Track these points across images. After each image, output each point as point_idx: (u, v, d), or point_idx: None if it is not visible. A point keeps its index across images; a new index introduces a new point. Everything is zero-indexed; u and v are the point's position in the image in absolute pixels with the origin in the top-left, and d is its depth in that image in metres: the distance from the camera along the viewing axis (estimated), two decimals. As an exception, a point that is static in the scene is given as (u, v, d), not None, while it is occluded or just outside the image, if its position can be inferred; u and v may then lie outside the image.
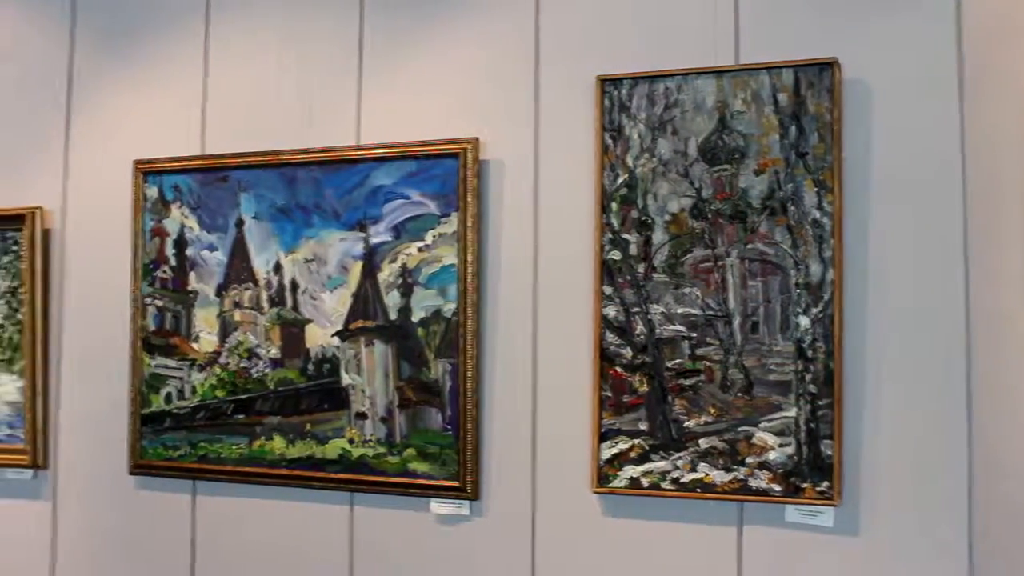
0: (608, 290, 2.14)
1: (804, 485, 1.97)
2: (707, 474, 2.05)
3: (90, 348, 2.71)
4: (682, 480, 2.07)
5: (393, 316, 2.32)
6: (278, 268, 2.43)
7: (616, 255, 2.13)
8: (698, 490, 2.05)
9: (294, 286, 2.42)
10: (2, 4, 2.91)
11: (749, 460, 2.02)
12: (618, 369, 2.13)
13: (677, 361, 2.09)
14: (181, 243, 2.55)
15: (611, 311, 2.13)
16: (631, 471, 2.11)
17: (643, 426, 2.10)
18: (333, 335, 2.37)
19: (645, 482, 2.10)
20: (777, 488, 1.99)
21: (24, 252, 2.73)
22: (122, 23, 2.74)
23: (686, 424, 2.07)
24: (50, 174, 2.78)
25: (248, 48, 2.58)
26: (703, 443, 2.06)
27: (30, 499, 2.76)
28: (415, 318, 2.30)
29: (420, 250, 2.30)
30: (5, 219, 2.77)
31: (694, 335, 2.08)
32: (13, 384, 2.76)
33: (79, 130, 2.77)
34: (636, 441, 2.11)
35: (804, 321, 1.99)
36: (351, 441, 2.35)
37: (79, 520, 2.70)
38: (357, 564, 2.39)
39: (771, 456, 2.00)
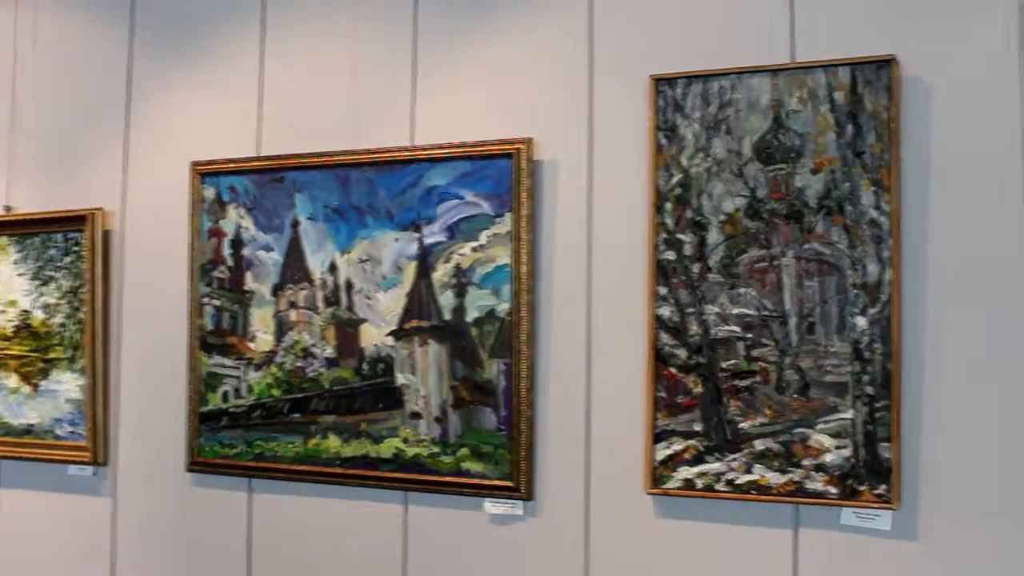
0: (662, 290, 2.21)
1: (861, 488, 2.02)
2: (762, 476, 2.10)
3: (149, 347, 2.85)
4: (737, 482, 2.13)
5: (447, 316, 2.41)
6: (333, 268, 2.54)
7: (670, 255, 2.20)
8: (753, 492, 2.11)
9: (349, 286, 2.53)
10: (62, 6, 3.08)
11: (805, 462, 2.07)
12: (672, 370, 2.20)
13: (732, 362, 2.15)
14: (237, 243, 2.68)
15: (665, 311, 2.20)
16: (685, 472, 2.17)
17: (698, 427, 2.17)
18: (388, 335, 2.47)
19: (699, 483, 2.16)
20: (833, 491, 2.04)
21: (85, 253, 2.88)
22: (180, 25, 2.88)
23: (741, 425, 2.13)
24: (110, 176, 2.93)
25: (303, 49, 2.70)
26: (758, 445, 2.11)
27: (91, 495, 2.91)
28: (469, 318, 2.39)
29: (474, 250, 2.38)
30: (67, 220, 2.92)
31: (749, 336, 2.14)
32: (75, 382, 2.92)
33: (138, 132, 2.91)
34: (690, 442, 2.17)
35: (861, 322, 2.04)
36: (405, 440, 2.45)
37: (138, 516, 2.85)
38: (411, 563, 2.49)
39: (827, 458, 2.05)
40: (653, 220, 2.21)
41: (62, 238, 2.95)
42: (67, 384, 2.93)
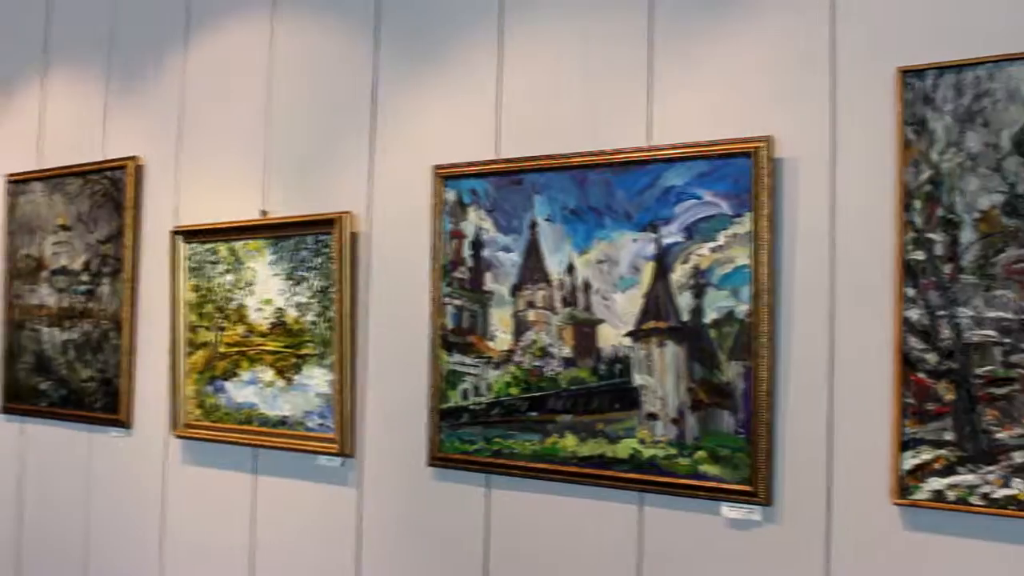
0: (911, 292, 2.32)
1: None
2: (1021, 491, 2.17)
3: (393, 345, 3.26)
4: (993, 496, 2.20)
5: (685, 317, 2.63)
6: (571, 269, 2.82)
7: (919, 255, 2.32)
8: (1012, 508, 2.17)
9: (586, 286, 2.80)
10: (312, 15, 3.56)
11: (1071, 477, 2.13)
12: (921, 375, 2.31)
13: (988, 368, 2.23)
14: (478, 245, 3.02)
15: (914, 314, 2.32)
16: (935, 483, 2.27)
17: (949, 436, 2.26)
18: (625, 335, 2.72)
19: (951, 496, 2.25)
20: (1104, 509, 2.10)
21: (334, 254, 3.33)
22: (421, 30, 3.26)
23: (998, 436, 2.21)
24: (357, 180, 3.36)
25: (540, 51, 2.99)
26: (1017, 457, 2.18)
27: (339, 485, 3.36)
28: (707, 319, 2.59)
29: (712, 251, 2.58)
30: (317, 223, 3.38)
31: (1007, 340, 2.21)
32: (324, 377, 3.38)
33: (382, 137, 3.33)
34: (941, 452, 2.27)
35: None
36: (642, 441, 2.69)
37: (381, 506, 3.26)
38: (646, 564, 2.72)
39: (1097, 474, 2.11)
40: (900, 219, 2.33)
41: (313, 240, 3.41)
42: (317, 379, 3.40)
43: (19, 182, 4.47)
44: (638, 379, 2.70)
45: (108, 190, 4.07)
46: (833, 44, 2.50)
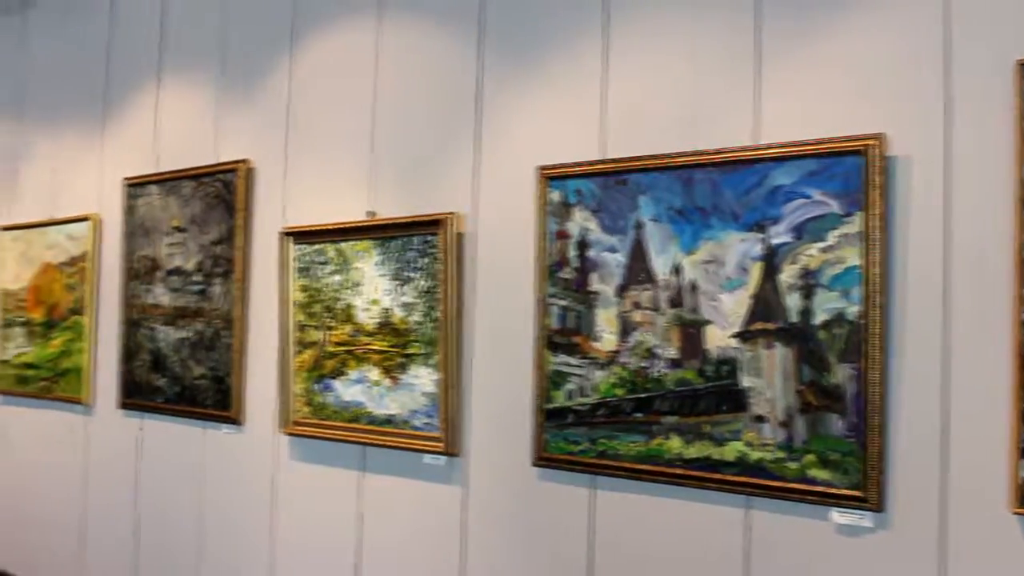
0: (1031, 293, 2.30)
1: None
2: None
3: (498, 345, 3.33)
4: (1119, 505, 2.18)
5: (794, 318, 2.63)
6: (677, 269, 2.85)
7: (1040, 255, 2.29)
8: None
9: (693, 287, 2.82)
10: (417, 19, 3.65)
11: None
12: (1042, 379, 2.28)
13: (1114, 372, 2.20)
14: (583, 245, 3.07)
15: (1034, 316, 2.29)
16: (1057, 491, 2.25)
17: (1071, 442, 2.24)
18: (732, 336, 2.74)
19: (1073, 505, 2.23)
20: None
21: (440, 255, 3.42)
22: (525, 30, 3.33)
23: (1124, 442, 2.18)
24: (462, 181, 3.45)
25: (645, 49, 3.03)
26: None
27: (444, 483, 3.45)
28: (816, 320, 2.59)
29: (822, 251, 2.58)
30: (423, 224, 3.47)
31: None
32: (430, 376, 3.47)
33: (488, 138, 3.40)
34: (1063, 459, 2.25)
35: None
36: (749, 444, 2.70)
37: (486, 505, 3.33)
38: (753, 570, 2.73)
39: None
40: (1019, 217, 2.30)
41: (419, 241, 3.50)
42: (423, 378, 3.49)
43: (136, 185, 4.69)
44: (745, 381, 2.71)
45: (220, 192, 4.25)
46: (948, 37, 2.47)
